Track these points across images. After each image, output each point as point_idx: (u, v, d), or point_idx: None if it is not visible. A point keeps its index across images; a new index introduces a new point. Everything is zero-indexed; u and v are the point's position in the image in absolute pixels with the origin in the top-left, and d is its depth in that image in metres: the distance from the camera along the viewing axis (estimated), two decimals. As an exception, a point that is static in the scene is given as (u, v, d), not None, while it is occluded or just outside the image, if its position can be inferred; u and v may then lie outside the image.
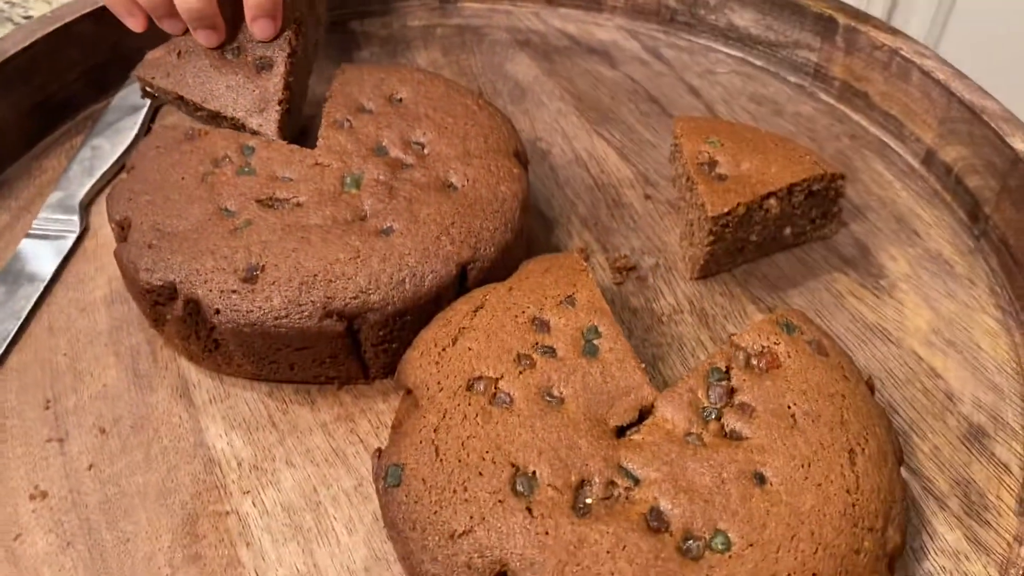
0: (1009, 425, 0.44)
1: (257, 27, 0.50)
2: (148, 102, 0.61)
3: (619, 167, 0.58)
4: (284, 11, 0.51)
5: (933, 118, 0.56)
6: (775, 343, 0.40)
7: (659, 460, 0.36)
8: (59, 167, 0.57)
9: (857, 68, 0.60)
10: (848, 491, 0.35)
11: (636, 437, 0.37)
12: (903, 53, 0.57)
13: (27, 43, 0.57)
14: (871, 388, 0.41)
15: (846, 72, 0.61)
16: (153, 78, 0.52)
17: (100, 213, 0.55)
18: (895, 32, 0.58)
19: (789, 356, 0.39)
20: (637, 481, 0.35)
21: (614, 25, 0.69)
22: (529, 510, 0.34)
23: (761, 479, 0.35)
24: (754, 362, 0.39)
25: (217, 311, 0.42)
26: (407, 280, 0.43)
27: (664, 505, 0.35)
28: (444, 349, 0.40)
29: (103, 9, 0.59)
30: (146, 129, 0.60)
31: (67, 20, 0.59)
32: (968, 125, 0.54)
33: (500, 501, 0.35)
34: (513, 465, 0.36)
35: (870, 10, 1.62)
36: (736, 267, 0.52)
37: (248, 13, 0.50)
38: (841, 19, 0.60)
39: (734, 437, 0.37)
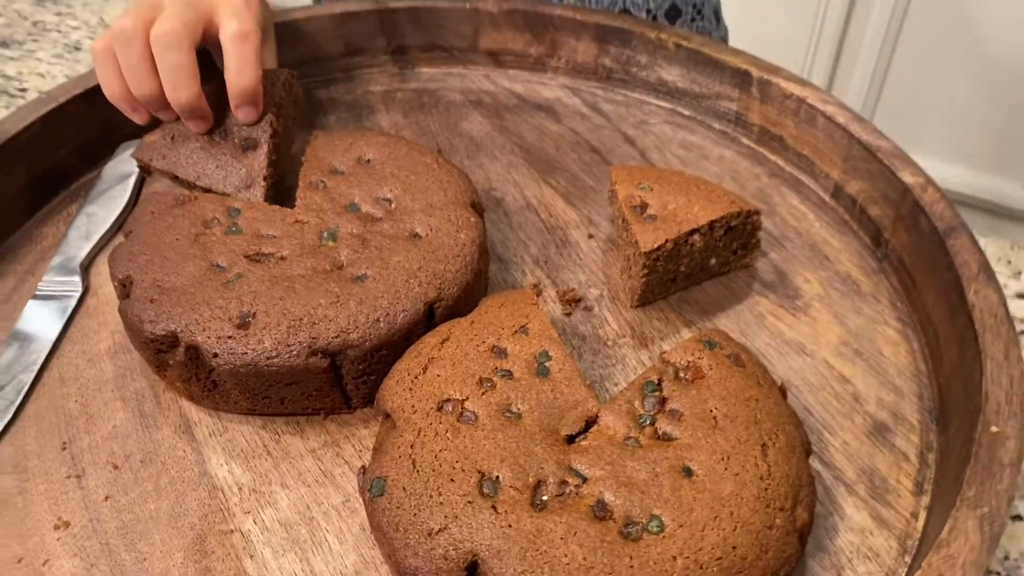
0: (908, 420, 0.51)
1: (241, 113, 0.57)
2: (136, 171, 0.67)
3: (565, 211, 0.65)
4: (264, 97, 0.58)
5: (838, 157, 0.64)
6: (699, 358, 0.47)
7: (603, 461, 0.42)
8: (58, 233, 0.63)
9: (771, 115, 0.68)
10: (761, 478, 0.42)
11: (584, 443, 0.43)
12: (809, 101, 0.65)
13: (27, 123, 0.63)
14: (783, 393, 0.47)
15: (762, 119, 0.69)
16: (151, 160, 0.58)
17: (99, 274, 0.60)
18: (803, 83, 0.66)
19: (711, 368, 0.46)
20: (585, 479, 0.42)
21: (557, 84, 0.77)
22: (494, 508, 0.40)
23: (688, 472, 0.42)
24: (682, 375, 0.46)
25: (215, 355, 0.48)
26: (382, 319, 0.49)
27: (608, 497, 0.41)
28: (416, 377, 0.46)
29: (94, 89, 0.65)
30: (135, 195, 0.66)
31: (61, 101, 0.65)
32: (866, 162, 0.61)
33: (470, 502, 0.41)
34: (480, 472, 0.42)
35: (814, 72, 1.73)
36: (671, 295, 0.58)
37: (232, 101, 0.57)
38: (755, 72, 0.68)
39: (665, 438, 0.43)
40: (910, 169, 0.59)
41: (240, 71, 0.56)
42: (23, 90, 0.86)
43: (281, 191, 0.62)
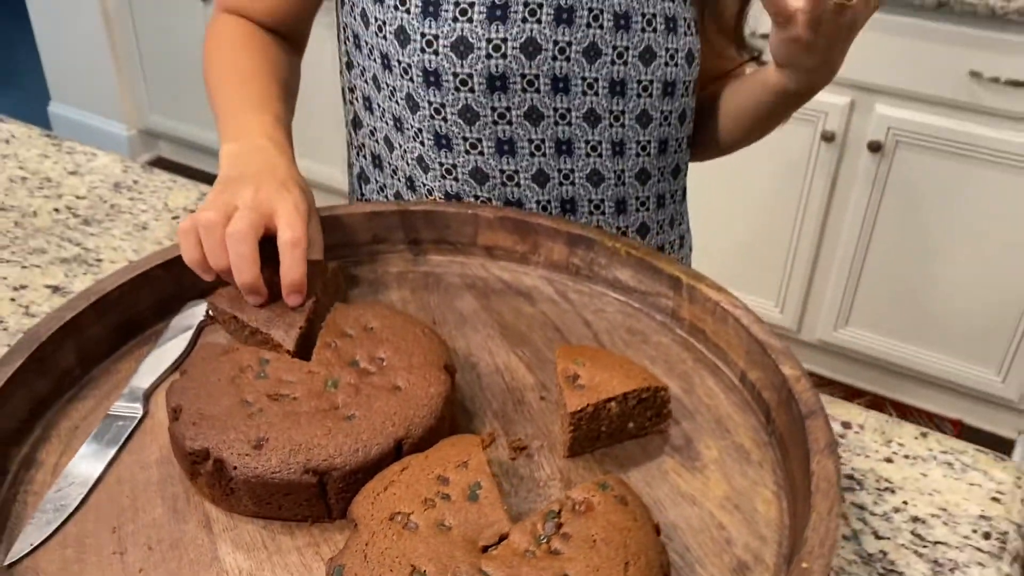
0: (765, 562, 0.65)
1: (289, 300, 0.78)
2: (196, 324, 0.86)
3: (526, 376, 0.81)
4: (313, 278, 0.77)
5: (742, 349, 0.80)
6: (592, 496, 0.62)
7: (505, 566, 0.57)
8: (131, 369, 0.81)
9: (697, 312, 0.85)
10: (620, 587, 0.56)
11: (494, 552, 0.58)
12: (722, 305, 0.82)
13: (117, 283, 0.83)
14: (657, 530, 0.62)
15: (691, 315, 0.86)
16: (220, 303, 0.78)
17: (156, 402, 0.78)
18: (720, 289, 0.84)
19: (600, 504, 0.61)
20: (489, 578, 0.56)
21: (537, 275, 0.95)
22: (419, 592, 0.55)
23: (566, 578, 0.56)
24: (577, 507, 0.61)
25: (235, 468, 0.65)
26: (360, 450, 0.66)
27: (503, 592, 0.55)
28: (378, 494, 0.62)
29: (171, 260, 0.85)
30: (193, 343, 0.85)
31: (144, 269, 0.85)
32: (761, 356, 0.77)
33: (402, 587, 0.55)
34: (412, 566, 0.57)
35: (791, 285, 2.01)
36: (596, 449, 0.74)
37: (283, 291, 0.77)
38: (684, 279, 0.85)
39: (556, 553, 0.58)
40: (790, 364, 0.74)
41: (290, 269, 0.76)
42: (99, 260, 1.08)
43: (307, 344, 0.79)
